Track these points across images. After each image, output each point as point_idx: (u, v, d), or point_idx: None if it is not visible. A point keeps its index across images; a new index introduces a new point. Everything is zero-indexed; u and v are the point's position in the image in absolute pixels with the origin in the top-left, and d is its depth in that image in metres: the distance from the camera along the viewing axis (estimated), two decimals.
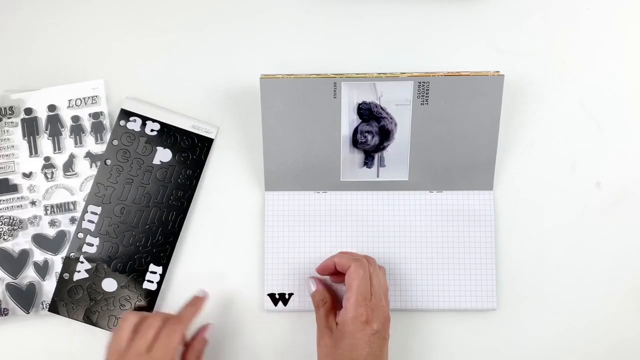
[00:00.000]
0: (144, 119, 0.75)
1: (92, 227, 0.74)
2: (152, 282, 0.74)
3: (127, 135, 0.74)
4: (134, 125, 0.74)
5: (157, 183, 0.74)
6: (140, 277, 0.73)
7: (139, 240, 0.74)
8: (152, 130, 0.74)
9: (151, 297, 0.73)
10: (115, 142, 0.74)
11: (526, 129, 0.77)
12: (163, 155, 0.74)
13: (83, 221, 0.74)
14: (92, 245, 0.73)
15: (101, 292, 0.73)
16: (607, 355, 0.74)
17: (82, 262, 0.73)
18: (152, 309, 0.73)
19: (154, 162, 0.74)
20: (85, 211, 0.74)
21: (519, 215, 0.76)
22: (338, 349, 0.63)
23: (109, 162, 0.74)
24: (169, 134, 0.74)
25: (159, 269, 0.73)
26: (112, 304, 0.73)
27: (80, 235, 0.73)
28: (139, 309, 0.73)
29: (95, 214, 0.74)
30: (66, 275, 0.73)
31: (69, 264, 0.73)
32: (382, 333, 0.64)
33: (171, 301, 0.74)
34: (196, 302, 0.70)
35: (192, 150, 0.74)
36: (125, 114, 0.75)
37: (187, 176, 0.74)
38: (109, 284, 0.73)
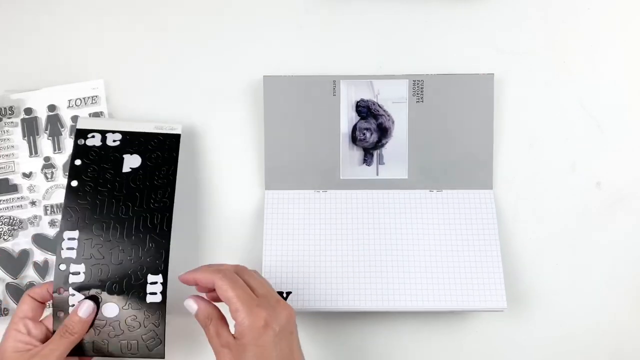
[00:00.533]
0: (103, 133, 0.70)
1: (73, 254, 0.66)
2: (155, 293, 0.66)
3: (88, 152, 0.69)
4: (94, 141, 0.70)
5: (132, 190, 0.69)
6: (141, 292, 0.66)
7: (129, 254, 0.67)
8: (114, 141, 0.70)
9: (159, 310, 0.66)
10: (77, 162, 0.69)
11: (526, 129, 0.77)
12: (132, 161, 0.70)
13: (62, 251, 0.66)
14: (78, 273, 0.66)
15: (104, 320, 0.65)
16: (607, 355, 0.74)
17: (73, 295, 0.65)
18: (164, 322, 0.66)
19: (124, 171, 0.69)
20: (61, 239, 0.66)
21: (519, 215, 0.76)
22: None
23: (74, 183, 0.68)
24: (133, 141, 0.71)
25: (159, 277, 0.66)
26: (119, 329, 0.65)
27: (63, 266, 0.66)
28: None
29: (74, 239, 0.66)
30: (61, 314, 0.65)
31: (60, 302, 0.65)
32: (288, 328, 0.59)
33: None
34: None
35: (161, 149, 0.71)
36: (82, 133, 0.70)
37: (162, 175, 0.70)
38: (110, 309, 0.66)
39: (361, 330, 0.74)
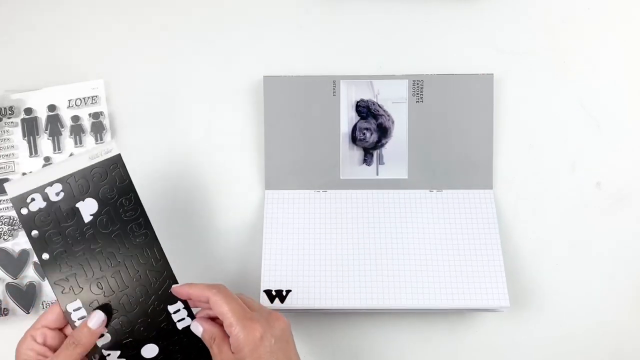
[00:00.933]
0: (41, 190, 0.61)
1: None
2: (183, 319, 0.63)
3: (39, 219, 0.60)
4: (37, 204, 0.61)
5: (106, 236, 0.62)
6: (169, 324, 0.63)
7: (139, 296, 0.63)
8: (57, 194, 0.61)
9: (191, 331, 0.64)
10: (34, 233, 0.60)
11: (526, 129, 0.77)
12: (88, 207, 0.62)
13: (75, 323, 0.61)
14: (102, 335, 0.62)
15: None
16: (607, 355, 0.74)
17: (109, 355, 0.62)
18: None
19: (86, 221, 0.62)
20: (68, 313, 0.61)
21: (519, 215, 0.76)
22: None
23: (46, 256, 0.61)
24: (76, 185, 0.62)
25: (178, 304, 0.63)
26: None
27: None
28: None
29: (79, 308, 0.61)
30: None
31: None
32: (284, 338, 0.59)
33: None
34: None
35: (110, 179, 0.62)
36: (20, 200, 0.60)
37: (127, 207, 0.63)
38: (149, 350, 0.63)
39: (361, 329, 0.74)
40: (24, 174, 0.75)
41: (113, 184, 0.62)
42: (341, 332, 0.74)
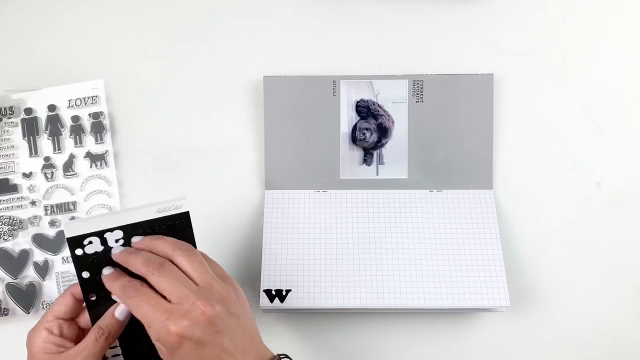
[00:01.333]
0: (100, 235, 0.58)
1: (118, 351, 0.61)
2: None
3: (92, 262, 0.58)
4: (93, 247, 0.58)
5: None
6: None
7: None
8: (116, 241, 0.58)
9: None
10: (85, 275, 0.58)
11: (526, 129, 0.77)
12: None
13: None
14: (115, 345, 0.61)
15: None
16: (607, 355, 0.74)
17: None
18: None
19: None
20: (105, 358, 0.60)
21: (519, 215, 0.76)
22: None
23: (93, 297, 0.59)
24: (138, 233, 0.59)
25: None
26: None
27: None
28: None
29: (116, 346, 0.61)
30: None
31: None
32: (209, 330, 0.53)
33: None
34: None
35: (173, 235, 0.60)
36: (76, 242, 0.57)
37: None
38: None
39: (361, 329, 0.74)
40: (24, 174, 0.75)
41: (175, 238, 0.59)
42: (341, 332, 0.74)
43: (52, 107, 0.76)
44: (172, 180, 0.76)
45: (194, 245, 0.61)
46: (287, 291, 0.72)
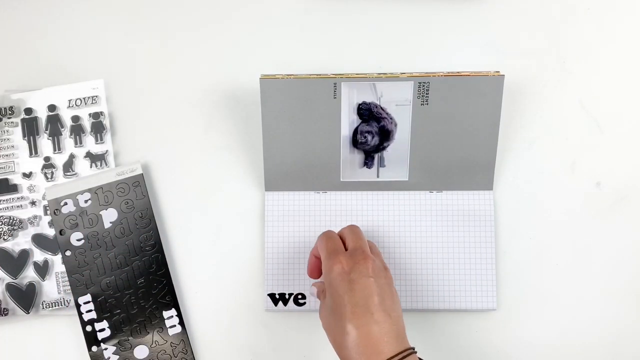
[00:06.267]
0: (73, 197, 0.73)
1: (93, 315, 0.72)
2: (174, 325, 0.73)
3: (68, 220, 0.73)
4: (68, 207, 0.73)
5: (120, 242, 0.73)
6: (162, 328, 0.73)
7: (140, 299, 0.73)
8: (85, 202, 0.73)
9: (183, 339, 0.73)
10: (62, 232, 0.73)
11: (526, 129, 0.77)
12: (109, 215, 0.74)
13: (83, 315, 0.72)
14: (103, 329, 0.72)
15: None
16: (607, 355, 0.74)
17: (105, 349, 0.72)
18: (191, 348, 0.73)
19: (106, 227, 0.73)
20: (78, 305, 0.72)
21: (519, 216, 0.76)
22: (326, 306, 0.62)
23: (68, 253, 0.73)
24: (102, 195, 0.74)
25: (172, 311, 0.73)
26: None
27: (89, 327, 0.72)
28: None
29: (89, 302, 0.72)
30: None
31: (96, 356, 0.72)
32: (364, 273, 0.60)
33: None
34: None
35: (131, 194, 0.74)
36: (55, 203, 0.73)
37: (141, 218, 0.74)
38: (141, 351, 0.73)
39: None
40: (24, 174, 0.75)
41: (133, 198, 0.74)
42: None
43: (52, 107, 0.75)
44: (172, 181, 0.76)
45: (149, 203, 0.74)
46: (290, 294, 0.72)
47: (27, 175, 0.75)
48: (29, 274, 0.74)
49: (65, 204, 0.73)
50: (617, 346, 0.74)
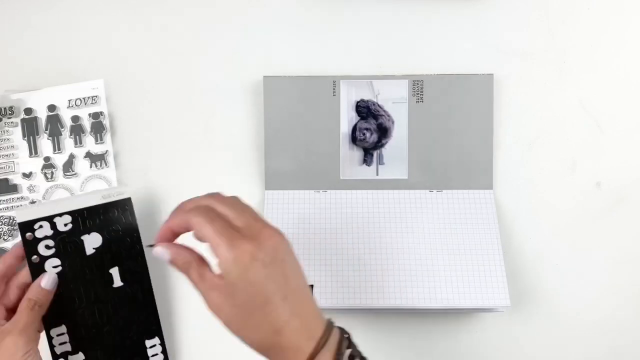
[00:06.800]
0: (50, 219, 0.64)
1: (68, 347, 0.65)
2: (156, 354, 0.68)
3: (42, 246, 0.64)
4: (44, 231, 0.64)
5: (103, 270, 0.66)
6: (143, 357, 0.68)
7: (121, 329, 0.67)
8: (65, 225, 0.65)
9: None
10: (35, 259, 0.64)
11: (526, 129, 0.77)
12: (92, 241, 0.66)
13: (55, 347, 0.65)
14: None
15: None
16: (607, 355, 0.74)
17: None
18: None
19: (88, 254, 0.65)
20: (50, 337, 0.64)
21: (519, 216, 0.76)
22: (236, 302, 0.51)
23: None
24: (85, 219, 0.65)
25: (155, 340, 0.68)
26: None
27: None
28: None
29: (62, 333, 0.65)
30: None
31: None
32: (278, 256, 0.52)
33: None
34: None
35: (117, 219, 0.66)
36: (27, 226, 0.64)
37: (127, 246, 0.67)
38: None
39: (361, 328, 0.73)
40: (24, 174, 0.75)
41: (120, 223, 0.67)
42: None
43: (52, 107, 0.76)
44: (172, 181, 0.76)
45: (137, 228, 0.67)
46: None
47: (27, 176, 0.75)
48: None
49: (41, 226, 0.64)
50: (617, 346, 0.74)
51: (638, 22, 0.78)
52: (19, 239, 0.73)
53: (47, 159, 0.75)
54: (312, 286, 0.54)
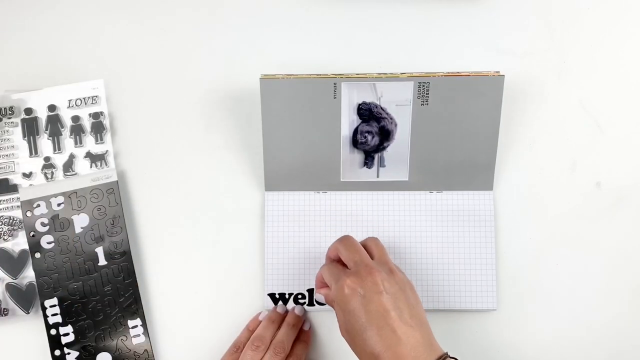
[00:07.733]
0: (46, 199, 0.73)
1: (58, 318, 0.72)
2: (138, 335, 0.73)
3: (39, 223, 0.73)
4: (40, 210, 0.73)
5: (90, 247, 0.73)
6: (125, 337, 0.73)
7: (106, 307, 0.73)
8: (58, 205, 0.73)
9: (146, 349, 0.73)
10: (33, 234, 0.73)
11: (526, 129, 0.77)
12: (80, 221, 0.73)
13: (48, 318, 0.72)
14: (68, 334, 0.72)
15: None
16: (607, 355, 0.74)
17: (68, 354, 0.72)
18: (153, 357, 0.73)
19: (77, 232, 0.73)
20: (44, 308, 0.72)
21: (519, 216, 0.76)
22: (345, 326, 0.61)
23: (38, 255, 0.73)
24: (75, 200, 0.73)
25: (137, 321, 0.73)
26: None
27: (53, 331, 0.72)
28: None
29: (55, 305, 0.72)
30: None
31: None
32: (374, 289, 0.60)
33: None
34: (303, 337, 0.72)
35: (104, 201, 0.73)
36: (27, 204, 0.73)
37: (112, 226, 0.73)
38: (103, 358, 0.73)
39: None
40: (24, 174, 0.75)
41: (106, 205, 0.74)
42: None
43: (52, 107, 0.75)
44: (172, 181, 0.76)
45: (121, 211, 0.73)
46: (290, 295, 0.72)
47: (27, 175, 0.75)
48: (29, 274, 0.74)
49: (38, 205, 0.73)
50: (617, 346, 0.74)
51: (638, 22, 0.78)
52: (19, 238, 0.74)
53: (47, 159, 0.75)
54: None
